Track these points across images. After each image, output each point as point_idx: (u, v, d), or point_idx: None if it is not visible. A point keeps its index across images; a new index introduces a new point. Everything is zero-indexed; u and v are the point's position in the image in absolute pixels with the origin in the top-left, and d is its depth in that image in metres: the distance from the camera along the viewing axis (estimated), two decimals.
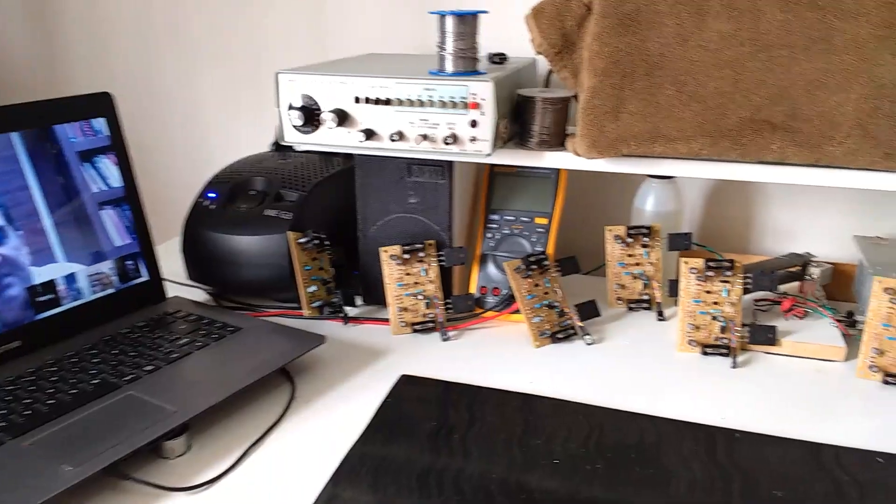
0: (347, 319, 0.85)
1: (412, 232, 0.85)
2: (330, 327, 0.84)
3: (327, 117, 0.72)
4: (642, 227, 0.86)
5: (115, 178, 0.81)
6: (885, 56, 0.61)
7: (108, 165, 0.81)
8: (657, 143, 0.67)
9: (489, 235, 0.87)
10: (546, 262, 0.82)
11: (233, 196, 0.88)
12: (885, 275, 0.72)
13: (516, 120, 0.77)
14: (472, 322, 0.84)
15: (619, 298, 0.89)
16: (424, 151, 0.72)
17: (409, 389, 0.71)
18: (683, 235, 0.84)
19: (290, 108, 0.73)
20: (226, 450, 0.62)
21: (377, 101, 0.71)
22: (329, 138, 0.74)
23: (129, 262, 0.82)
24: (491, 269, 0.87)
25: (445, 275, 0.85)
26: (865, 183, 0.66)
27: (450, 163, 0.81)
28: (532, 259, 0.81)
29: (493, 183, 0.89)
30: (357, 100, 0.72)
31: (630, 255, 0.88)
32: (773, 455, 0.61)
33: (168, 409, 0.63)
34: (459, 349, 0.80)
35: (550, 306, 0.82)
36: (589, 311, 0.83)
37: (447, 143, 0.70)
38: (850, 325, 0.80)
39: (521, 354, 0.78)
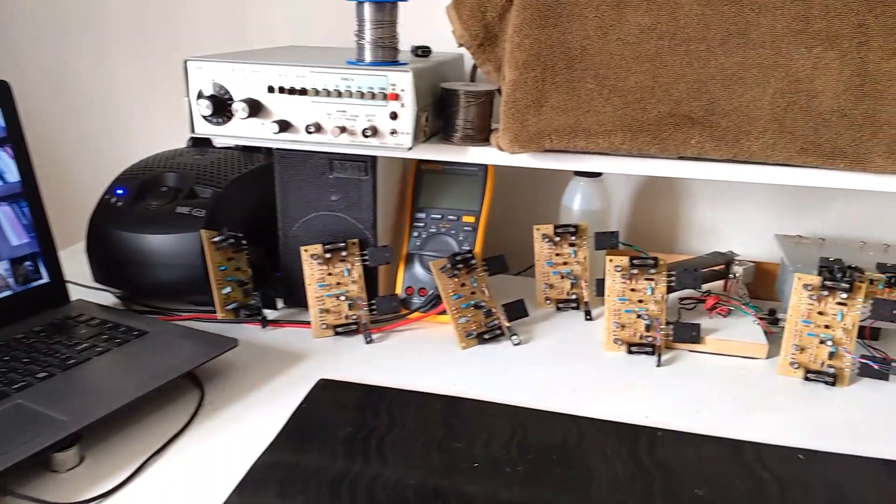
0: (266, 323, 0.81)
1: (335, 230, 0.82)
2: (248, 331, 0.80)
3: (238, 107, 0.68)
4: (570, 225, 0.85)
5: (11, 172, 0.76)
6: (800, 50, 0.61)
7: (4, 159, 0.75)
8: (579, 138, 0.66)
9: (415, 234, 0.85)
10: (473, 262, 0.80)
11: (143, 193, 0.83)
12: (805, 272, 0.72)
13: (440, 114, 0.75)
14: (398, 324, 0.82)
15: (547, 298, 0.88)
16: (343, 144, 0.69)
17: (326, 394, 0.68)
18: (610, 234, 0.83)
19: (200, 96, 0.69)
20: (122, 462, 0.58)
21: (292, 91, 0.68)
22: (241, 130, 0.70)
23: (28, 263, 0.76)
24: (417, 268, 0.84)
25: (370, 275, 0.82)
26: (783, 178, 0.66)
27: (373, 158, 0.78)
28: (458, 258, 0.79)
29: (420, 180, 0.86)
30: (271, 89, 0.69)
31: (558, 255, 0.87)
32: (694, 453, 0.60)
33: (59, 418, 0.58)
34: (383, 352, 0.77)
35: (477, 306, 0.80)
36: (517, 311, 0.82)
37: (366, 136, 0.67)
38: (773, 322, 0.80)
39: (447, 356, 0.76)
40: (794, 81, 0.62)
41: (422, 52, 0.76)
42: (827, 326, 0.71)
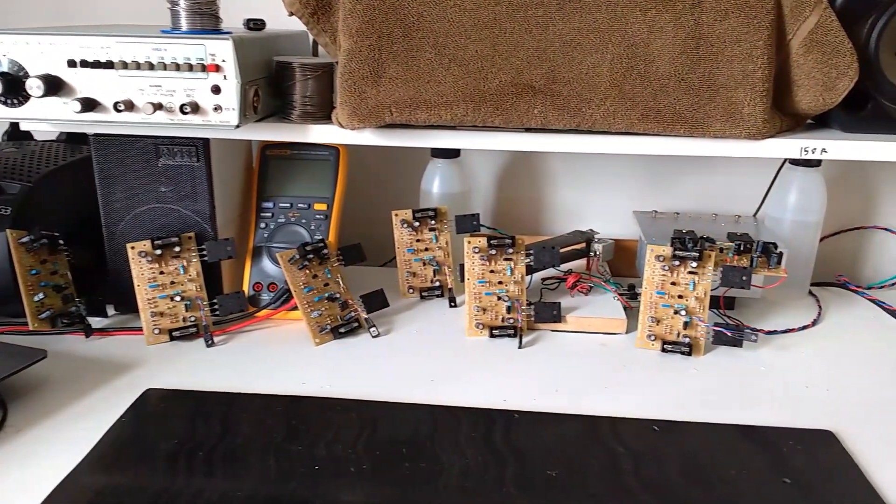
0: (90, 331, 0.71)
1: (169, 225, 0.74)
2: (70, 342, 0.71)
3: (32, 84, 0.59)
4: (429, 209, 0.81)
5: None
6: (635, 14, 0.60)
7: None
8: (420, 110, 0.62)
9: (262, 225, 0.78)
10: (326, 252, 0.74)
11: None
12: (659, 245, 0.72)
13: (277, 91, 0.69)
14: (245, 323, 0.75)
15: (410, 287, 0.83)
16: (160, 124, 0.62)
17: (152, 406, 0.60)
18: (471, 217, 0.80)
19: None
20: None
21: (96, 65, 0.60)
22: (39, 111, 0.62)
23: None
24: (265, 262, 0.78)
25: (212, 272, 0.75)
26: (626, 148, 0.65)
27: (204, 142, 0.71)
28: (309, 248, 0.73)
29: (266, 167, 0.80)
30: (71, 63, 0.60)
31: (419, 241, 0.83)
32: (550, 433, 0.57)
33: None
34: (227, 355, 0.70)
35: (332, 299, 0.74)
36: (376, 301, 0.77)
37: (185, 113, 0.60)
38: (632, 297, 0.80)
39: (298, 354, 0.70)
40: (630, 46, 0.61)
41: (254, 24, 0.70)
42: (680, 297, 0.71)
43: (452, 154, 0.85)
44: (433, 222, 0.82)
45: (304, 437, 0.56)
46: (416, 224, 0.82)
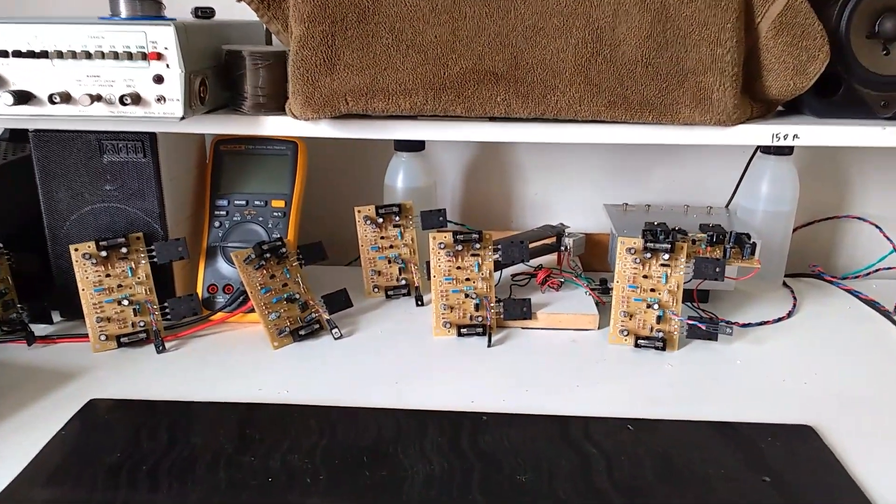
0: (32, 339, 0.67)
1: (117, 226, 0.70)
2: (10, 351, 0.66)
3: None
4: (393, 205, 0.78)
5: None
6: None
7: None
8: (377, 98, 0.59)
9: (217, 224, 0.75)
10: (284, 251, 0.71)
11: None
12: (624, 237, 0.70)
13: (228, 82, 0.65)
14: (198, 327, 0.71)
15: (375, 286, 0.80)
16: (99, 117, 0.58)
17: (96, 417, 0.56)
18: (437, 213, 0.77)
19: None
20: None
21: (29, 55, 0.56)
22: None
23: None
24: (220, 263, 0.74)
25: (163, 274, 0.71)
26: (594, 137, 0.63)
27: (151, 136, 0.67)
28: (266, 247, 0.70)
29: (220, 163, 0.76)
30: (3, 53, 0.56)
31: (383, 238, 0.79)
32: (520, 436, 0.54)
33: None
34: (179, 361, 0.66)
35: (291, 300, 0.71)
36: (338, 302, 0.73)
37: (126, 104, 0.57)
38: (604, 292, 0.78)
39: (255, 359, 0.66)
40: (595, 30, 0.58)
41: (202, 13, 0.66)
42: (653, 290, 0.69)
43: (416, 147, 0.82)
44: (398, 218, 0.79)
45: (258, 447, 0.52)
46: (380, 220, 0.78)
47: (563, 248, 0.82)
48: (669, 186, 0.93)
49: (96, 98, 0.57)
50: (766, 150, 0.81)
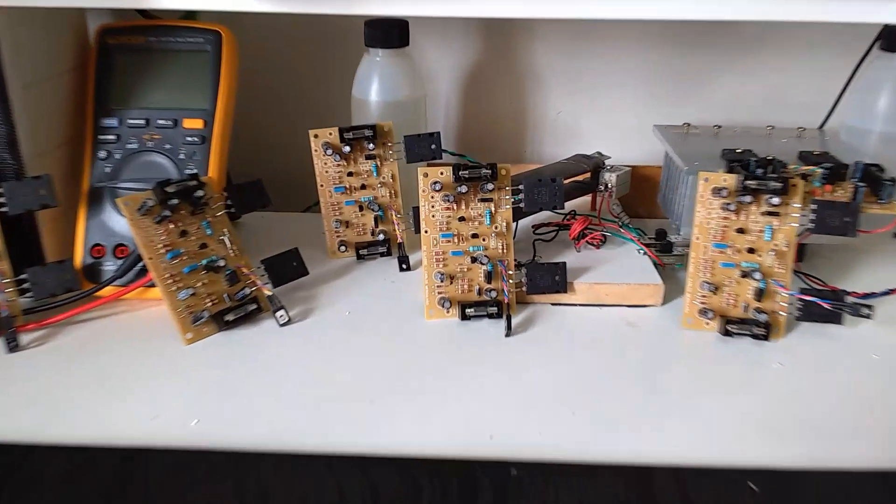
0: None
1: None
2: None
3: None
4: (364, 127, 0.54)
5: None
6: None
7: None
8: None
9: (103, 155, 0.50)
10: (201, 194, 0.47)
11: None
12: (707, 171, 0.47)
13: None
14: (76, 310, 0.48)
15: (342, 244, 0.57)
16: None
17: None
18: (427, 137, 0.53)
19: None
20: None
21: None
22: None
23: None
24: (109, 213, 0.50)
25: (21, 230, 0.47)
26: (636, 9, 0.39)
27: None
28: (173, 189, 0.46)
29: (107, 63, 0.51)
30: None
31: (352, 174, 0.56)
32: (567, 497, 0.33)
33: None
34: (38, 366, 0.43)
35: (213, 268, 0.48)
36: (287, 269, 0.51)
37: None
38: (665, 249, 0.55)
39: (155, 363, 0.44)
40: None
41: None
42: (751, 251, 0.46)
43: (396, 38, 0.57)
44: (372, 146, 0.55)
45: None
46: (347, 149, 0.55)
47: (602, 186, 0.59)
48: (737, 102, 0.69)
49: None
50: (891, 43, 0.57)
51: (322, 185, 0.56)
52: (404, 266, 0.56)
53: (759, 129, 0.62)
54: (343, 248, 0.57)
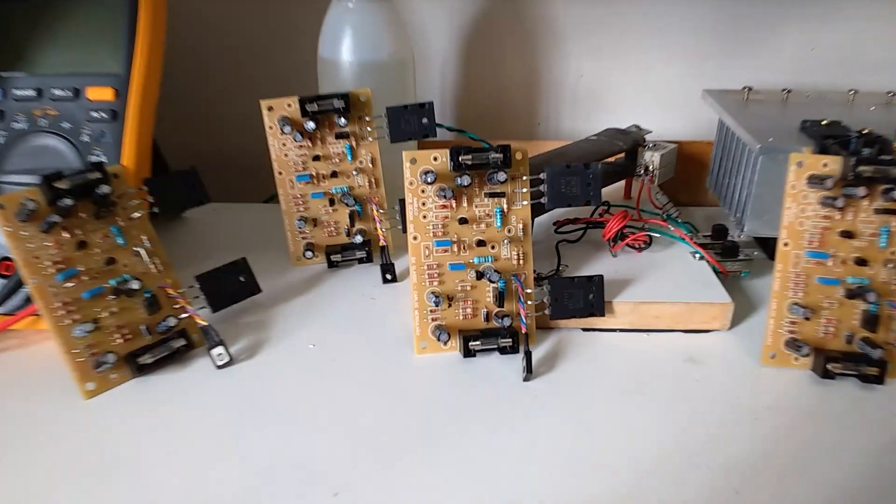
0: None
1: None
2: None
3: None
4: (333, 96, 0.41)
5: None
6: None
7: None
8: None
9: None
10: (110, 190, 0.34)
11: None
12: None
13: None
14: None
15: (309, 247, 0.45)
16: None
17: None
18: (416, 109, 0.40)
19: None
20: None
21: None
22: None
23: None
24: None
25: None
26: None
27: None
28: (64, 186, 0.33)
29: None
30: None
31: (319, 158, 0.43)
32: None
33: None
34: None
35: (125, 291, 0.35)
36: (232, 286, 0.38)
37: None
38: (727, 252, 0.43)
39: (46, 426, 0.31)
40: None
41: None
42: (861, 262, 0.34)
43: None
44: (343, 121, 0.42)
45: None
46: (312, 126, 0.42)
47: (642, 169, 0.46)
48: (804, 61, 0.56)
49: None
50: None
51: (280, 173, 0.43)
52: (388, 276, 0.43)
53: (839, 94, 0.50)
54: (309, 252, 0.45)
